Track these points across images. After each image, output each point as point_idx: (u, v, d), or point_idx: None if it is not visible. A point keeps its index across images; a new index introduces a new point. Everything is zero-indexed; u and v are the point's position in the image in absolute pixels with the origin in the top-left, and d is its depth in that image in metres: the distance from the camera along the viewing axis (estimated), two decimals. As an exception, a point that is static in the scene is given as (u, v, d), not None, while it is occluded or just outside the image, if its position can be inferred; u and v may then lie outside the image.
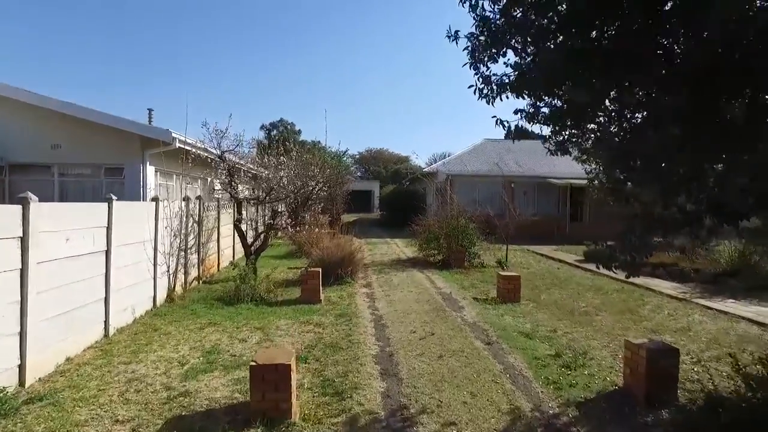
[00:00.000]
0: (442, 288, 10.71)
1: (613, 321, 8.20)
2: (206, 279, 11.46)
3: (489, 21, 4.08)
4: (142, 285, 7.88)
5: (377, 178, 60.74)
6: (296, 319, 7.96)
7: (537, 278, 12.46)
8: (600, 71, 3.60)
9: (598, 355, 6.35)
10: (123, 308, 7.15)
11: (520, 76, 3.96)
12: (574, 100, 3.96)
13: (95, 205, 6.39)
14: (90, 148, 10.69)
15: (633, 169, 4.06)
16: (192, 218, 10.47)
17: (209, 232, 11.86)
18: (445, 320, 7.87)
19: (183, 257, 9.86)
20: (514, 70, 4.02)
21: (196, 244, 10.69)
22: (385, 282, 11.32)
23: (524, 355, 6.22)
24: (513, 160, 27.87)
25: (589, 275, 13.19)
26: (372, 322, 7.75)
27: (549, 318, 8.35)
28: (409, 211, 29.63)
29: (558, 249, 19.60)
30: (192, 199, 10.57)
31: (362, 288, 10.63)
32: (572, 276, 13.05)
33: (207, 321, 7.72)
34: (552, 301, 9.76)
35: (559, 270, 14.17)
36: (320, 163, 12.51)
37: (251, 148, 11.60)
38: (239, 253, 13.47)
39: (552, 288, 11.18)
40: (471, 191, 23.65)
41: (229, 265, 13.83)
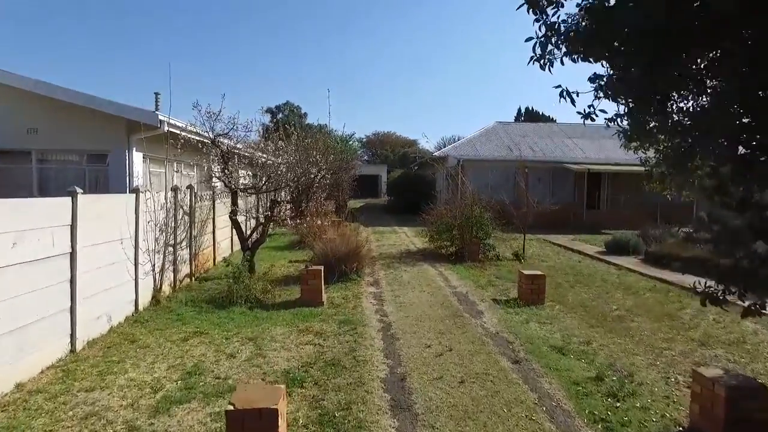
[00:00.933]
0: (457, 287, 9.74)
1: (652, 329, 7.22)
2: (200, 275, 10.57)
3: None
4: (121, 288, 6.98)
5: (384, 162, 59.57)
6: (294, 326, 7.05)
7: (558, 274, 11.47)
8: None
9: (647, 378, 5.38)
10: (95, 317, 6.26)
11: (604, 23, 2.80)
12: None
13: (54, 201, 5.44)
14: (70, 132, 9.75)
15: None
16: (182, 210, 9.54)
17: (203, 224, 10.93)
18: (464, 329, 6.91)
19: (171, 254, 8.95)
20: (592, 19, 2.90)
21: (187, 239, 9.77)
22: (394, 279, 10.37)
23: (560, 379, 5.26)
24: (526, 144, 26.67)
25: (614, 270, 12.18)
26: (380, 331, 6.81)
27: (579, 325, 7.38)
28: (417, 197, 28.65)
29: (575, 238, 18.56)
30: (182, 189, 9.63)
31: (369, 287, 9.69)
32: (596, 271, 12.04)
33: (193, 329, 6.82)
34: (579, 302, 8.78)
35: (580, 264, 13.15)
36: (323, 148, 11.46)
37: (247, 132, 10.58)
38: (238, 245, 12.55)
39: (577, 286, 10.20)
40: (483, 176, 22.57)
41: (225, 259, 12.94)
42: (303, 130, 17.07)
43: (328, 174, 11.51)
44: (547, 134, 28.56)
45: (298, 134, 11.39)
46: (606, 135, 28.89)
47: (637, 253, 14.28)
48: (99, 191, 10.00)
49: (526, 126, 31.32)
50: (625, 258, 13.86)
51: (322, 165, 10.70)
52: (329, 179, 12.40)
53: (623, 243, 14.64)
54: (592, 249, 15.67)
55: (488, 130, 28.34)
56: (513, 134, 27.98)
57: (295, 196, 11.41)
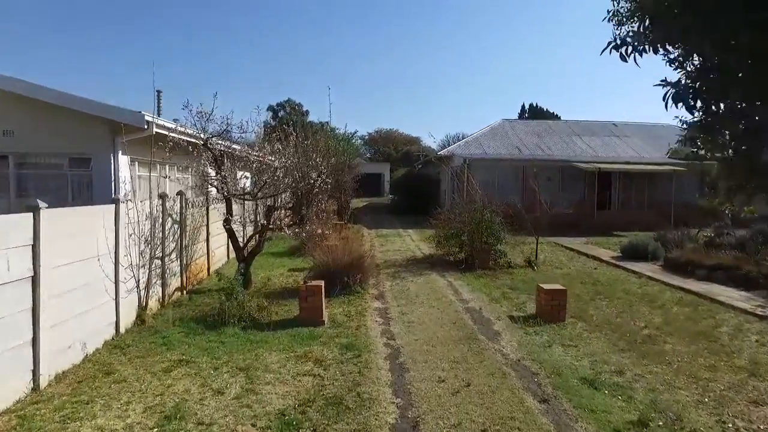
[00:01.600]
0: (469, 301, 9.00)
1: (689, 353, 6.47)
2: (192, 288, 9.87)
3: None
4: (98, 311, 6.26)
5: (387, 159, 58.81)
6: (292, 351, 6.33)
7: (575, 283, 10.72)
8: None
9: (699, 421, 4.63)
10: (65, 346, 5.54)
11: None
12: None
13: (9, 219, 4.71)
14: (50, 135, 9.02)
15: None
16: (171, 218, 8.82)
17: (196, 232, 10.23)
18: (481, 357, 6.17)
19: (159, 267, 8.23)
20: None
21: (177, 249, 9.06)
22: (401, 292, 9.63)
23: (597, 424, 4.52)
24: (533, 142, 25.90)
25: (634, 279, 11.42)
26: (387, 359, 6.08)
27: (607, 348, 6.64)
28: (422, 197, 27.95)
29: (588, 241, 17.79)
30: (171, 196, 8.91)
31: (374, 301, 8.96)
32: (615, 279, 11.29)
33: (178, 356, 6.10)
34: (603, 318, 8.03)
35: (597, 271, 12.39)
36: (323, 150, 10.72)
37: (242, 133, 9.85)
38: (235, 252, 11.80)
39: (597, 298, 9.45)
40: (490, 176, 21.83)
41: (219, 271, 12.23)
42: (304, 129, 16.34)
43: (329, 178, 10.73)
44: (555, 132, 27.77)
45: (297, 135, 10.63)
46: (613, 132, 28.26)
47: (656, 259, 13.52)
48: (83, 197, 9.31)
49: (532, 123, 30.51)
50: (644, 264, 13.10)
51: (322, 169, 9.95)
52: (330, 183, 11.62)
53: (641, 248, 13.86)
54: (608, 254, 14.91)
55: (494, 128, 27.56)
56: (520, 132, 27.21)
57: (295, 202, 10.67)
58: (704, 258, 11.90)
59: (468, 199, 13.26)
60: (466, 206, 12.55)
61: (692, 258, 12.05)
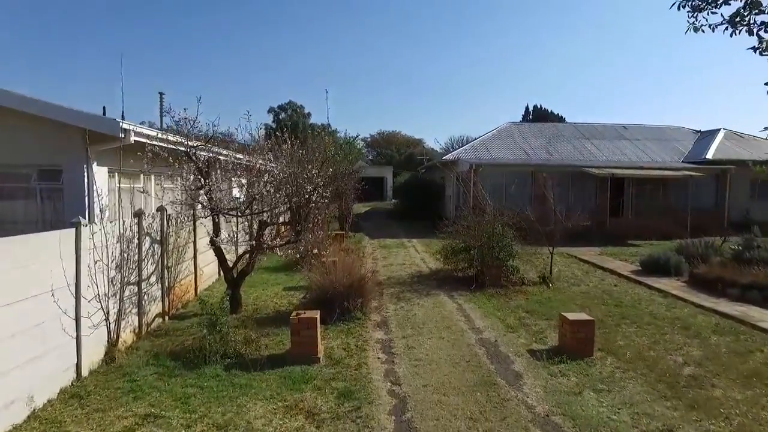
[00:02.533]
0: (483, 330, 8.04)
1: (747, 401, 5.52)
2: (176, 312, 8.97)
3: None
4: (53, 354, 5.35)
5: (390, 162, 57.87)
6: (280, 400, 5.40)
7: (596, 304, 9.79)
8: None
9: None
10: (6, 402, 4.62)
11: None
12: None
13: None
14: (15, 144, 8.11)
15: None
16: (150, 237, 7.92)
17: (181, 250, 9.33)
18: (503, 411, 5.22)
19: (135, 294, 7.33)
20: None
21: (157, 271, 8.16)
22: (406, 318, 8.67)
23: None
24: (542, 146, 24.99)
25: (659, 298, 10.47)
26: (391, 414, 5.13)
27: (647, 393, 5.69)
28: (426, 202, 26.98)
29: (602, 252, 16.83)
30: (149, 214, 8.01)
31: (376, 330, 8.02)
32: (639, 299, 10.34)
33: (146, 409, 5.18)
34: (635, 351, 7.09)
35: (617, 288, 11.44)
36: (320, 160, 9.80)
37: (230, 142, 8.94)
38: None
39: (623, 324, 8.51)
40: (498, 182, 20.89)
41: (210, 287, 11.33)
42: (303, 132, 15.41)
43: (327, 191, 9.82)
44: (563, 135, 26.85)
45: (292, 143, 9.71)
46: (623, 136, 27.28)
47: (679, 275, 12.55)
48: (55, 213, 8.40)
49: (540, 127, 29.59)
50: (667, 280, 12.14)
51: (318, 181, 9.03)
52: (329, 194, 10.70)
53: (662, 261, 12.90)
54: (626, 267, 13.95)
55: (501, 131, 26.66)
56: (527, 136, 26.30)
57: (291, 217, 9.75)
58: (736, 274, 10.94)
59: (475, 208, 12.29)
60: (475, 218, 11.59)
61: (721, 274, 11.09)
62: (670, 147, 26.25)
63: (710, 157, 23.72)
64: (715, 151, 24.26)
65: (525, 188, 21.41)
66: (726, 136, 26.23)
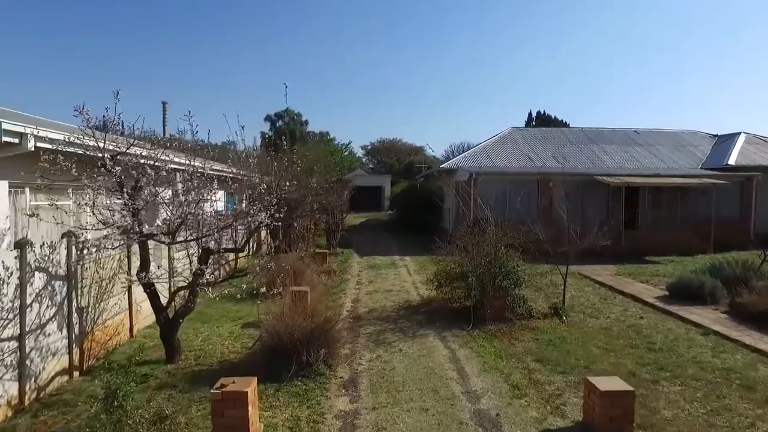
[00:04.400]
0: (481, 394, 6.09)
1: None
2: (96, 362, 7.10)
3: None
4: None
5: (389, 171, 56.03)
6: None
7: (623, 347, 7.90)
8: None
9: None
10: None
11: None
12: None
13: None
14: None
15: None
16: (47, 274, 6.07)
17: (105, 285, 7.47)
18: None
19: (13, 351, 5.47)
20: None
21: (61, 316, 6.30)
22: (382, 375, 6.72)
23: None
24: (548, 153, 23.10)
25: (699, 337, 8.54)
26: None
27: None
28: (423, 214, 24.98)
29: (619, 272, 14.89)
30: (52, 241, 6.17)
31: (339, 396, 6.09)
32: (675, 339, 8.41)
33: None
34: (689, 430, 5.17)
35: (644, 322, 9.51)
36: (276, 181, 7.95)
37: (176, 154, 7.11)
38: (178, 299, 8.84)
39: (662, 379, 6.60)
40: (500, 192, 18.93)
41: (151, 324, 9.45)
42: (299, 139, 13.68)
43: (307, 207, 7.96)
44: (570, 140, 24.98)
45: (241, 155, 7.87)
46: (636, 141, 25.26)
47: (716, 302, 10.62)
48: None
49: (545, 132, 27.73)
50: (701, 310, 10.21)
51: (271, 209, 7.18)
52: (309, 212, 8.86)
53: (695, 287, 10.94)
54: (649, 291, 12.02)
55: (503, 137, 24.80)
56: (532, 141, 24.44)
57: (244, 242, 7.88)
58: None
59: (475, 224, 10.34)
60: (473, 238, 9.68)
61: (775, 307, 9.16)
62: (687, 152, 24.33)
63: (732, 162, 21.76)
64: (737, 156, 22.31)
65: (530, 199, 19.50)
66: (747, 140, 24.27)
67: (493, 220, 9.91)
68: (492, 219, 9.96)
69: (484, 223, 10.02)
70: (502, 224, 10.10)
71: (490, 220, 9.92)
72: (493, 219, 9.97)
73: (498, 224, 10.01)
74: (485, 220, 10.11)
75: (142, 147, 7.14)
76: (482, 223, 10.08)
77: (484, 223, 10.02)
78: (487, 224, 9.87)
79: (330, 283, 12.79)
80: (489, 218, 10.02)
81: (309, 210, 16.16)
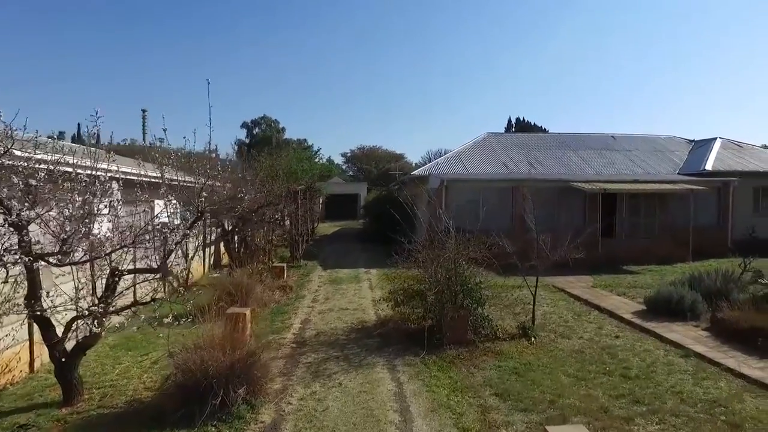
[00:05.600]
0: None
1: None
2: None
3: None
4: None
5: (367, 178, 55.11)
6: None
7: (595, 374, 7.02)
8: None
9: None
10: None
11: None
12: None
13: None
14: None
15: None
16: None
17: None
18: None
19: None
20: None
21: None
22: (311, 420, 5.58)
23: None
24: (524, 158, 22.37)
25: (679, 360, 7.71)
26: None
27: None
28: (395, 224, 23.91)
29: (595, 283, 14.09)
30: None
31: (254, 446, 5.09)
32: (653, 363, 7.56)
33: None
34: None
35: (620, 342, 8.66)
36: (199, 191, 6.89)
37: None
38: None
39: (637, 416, 5.71)
40: (474, 199, 18.08)
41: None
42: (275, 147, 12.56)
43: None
44: (547, 146, 24.28)
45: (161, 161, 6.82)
46: (613, 146, 24.62)
47: (696, 318, 9.85)
48: None
49: (521, 137, 27.09)
50: (681, 327, 9.43)
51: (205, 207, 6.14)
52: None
53: (674, 302, 10.15)
54: (626, 305, 11.21)
55: (478, 142, 24.00)
56: (507, 147, 23.68)
57: (161, 263, 6.81)
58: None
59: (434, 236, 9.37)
60: (432, 252, 8.74)
61: (757, 322, 8.37)
62: (664, 158, 23.82)
63: (709, 168, 21.27)
64: (714, 161, 21.83)
65: (505, 206, 18.72)
66: (723, 145, 23.86)
67: (454, 232, 8.99)
68: (453, 230, 9.05)
69: (445, 235, 9.09)
70: (468, 235, 9.20)
71: (451, 232, 9.01)
72: (453, 230, 9.06)
73: (462, 235, 9.11)
74: (446, 232, 9.18)
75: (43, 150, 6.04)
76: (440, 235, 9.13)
77: (445, 235, 9.09)
78: (448, 236, 8.94)
79: (283, 301, 11.76)
80: (450, 229, 9.11)
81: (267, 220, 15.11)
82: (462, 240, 8.91)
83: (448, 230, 9.16)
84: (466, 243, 8.87)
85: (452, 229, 9.10)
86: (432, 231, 9.55)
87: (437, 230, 9.39)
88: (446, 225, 9.35)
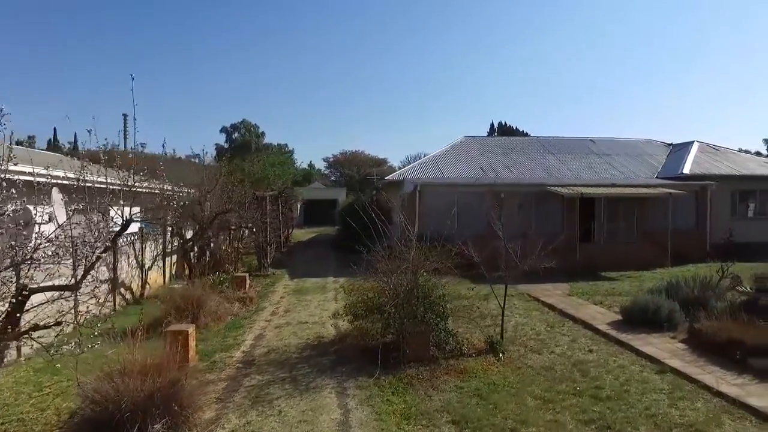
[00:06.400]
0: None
1: None
2: None
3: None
4: None
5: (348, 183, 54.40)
6: None
7: (565, 394, 6.44)
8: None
9: None
10: None
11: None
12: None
13: None
14: None
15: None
16: None
17: None
18: None
19: None
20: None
21: None
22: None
23: None
24: (501, 162, 21.93)
25: (654, 376, 7.18)
26: None
27: None
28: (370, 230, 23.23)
29: (572, 291, 13.58)
30: None
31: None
32: (627, 380, 7.01)
33: None
34: None
35: (594, 357, 8.11)
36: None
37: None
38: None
39: (609, 446, 5.11)
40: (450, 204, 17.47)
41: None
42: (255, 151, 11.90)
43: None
44: (526, 150, 23.90)
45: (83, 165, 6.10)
46: (592, 150, 24.26)
47: (674, 329, 9.35)
48: None
49: (501, 141, 26.69)
50: (658, 339, 8.94)
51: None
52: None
53: (651, 312, 9.66)
54: (603, 317, 10.66)
55: (455, 146, 23.53)
56: (485, 151, 23.22)
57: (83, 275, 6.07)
58: (756, 333, 7.78)
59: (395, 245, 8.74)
60: (391, 262, 8.10)
61: (735, 333, 7.89)
62: (643, 162, 23.56)
63: (687, 171, 21.01)
64: (691, 165, 21.60)
65: (482, 211, 18.15)
66: (701, 149, 23.69)
67: (415, 241, 8.39)
68: (414, 239, 8.44)
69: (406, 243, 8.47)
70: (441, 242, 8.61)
71: (412, 240, 8.40)
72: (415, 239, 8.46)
73: (436, 242, 8.52)
74: (408, 241, 8.57)
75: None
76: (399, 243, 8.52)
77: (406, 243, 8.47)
78: (409, 245, 8.33)
79: (242, 314, 11.02)
80: (412, 238, 8.50)
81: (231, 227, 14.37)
82: (425, 249, 8.30)
83: (410, 239, 8.54)
84: (429, 252, 8.27)
85: (414, 237, 8.49)
86: (401, 238, 8.91)
87: (401, 238, 8.78)
88: (412, 232, 8.74)
